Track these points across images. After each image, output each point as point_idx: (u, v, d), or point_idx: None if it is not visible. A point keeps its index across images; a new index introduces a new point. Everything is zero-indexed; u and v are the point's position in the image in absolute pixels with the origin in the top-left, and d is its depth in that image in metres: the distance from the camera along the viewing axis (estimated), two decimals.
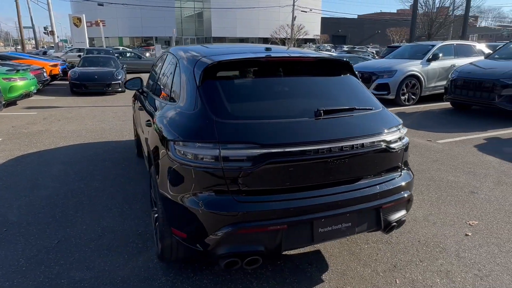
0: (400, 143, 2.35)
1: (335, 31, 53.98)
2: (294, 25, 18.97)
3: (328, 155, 2.03)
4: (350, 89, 2.52)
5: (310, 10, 35.92)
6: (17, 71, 9.22)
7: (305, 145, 1.99)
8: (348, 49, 36.05)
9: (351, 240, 2.90)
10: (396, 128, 2.36)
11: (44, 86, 12.07)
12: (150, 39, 45.70)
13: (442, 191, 3.88)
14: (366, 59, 13.62)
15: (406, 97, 9.11)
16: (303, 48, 4.62)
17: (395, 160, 2.34)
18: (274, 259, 2.60)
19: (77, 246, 2.85)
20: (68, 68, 16.86)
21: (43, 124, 7.25)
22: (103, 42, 27.73)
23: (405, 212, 2.39)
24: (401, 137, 2.38)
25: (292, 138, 2.00)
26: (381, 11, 76.27)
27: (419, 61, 9.29)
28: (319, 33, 31.37)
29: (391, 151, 2.28)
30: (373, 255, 2.70)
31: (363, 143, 2.13)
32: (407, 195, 2.33)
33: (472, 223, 3.17)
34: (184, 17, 46.09)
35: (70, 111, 8.78)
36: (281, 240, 1.99)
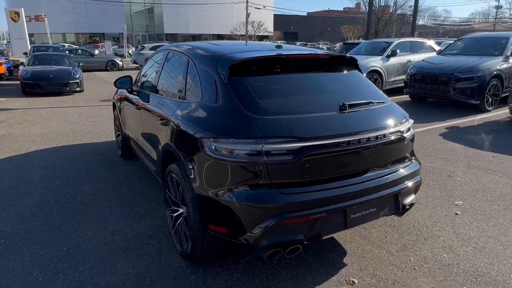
0: (410, 133, 2.57)
1: (287, 28, 55.05)
2: (254, 22, 19.12)
3: (357, 146, 2.18)
4: (360, 83, 2.69)
5: (264, 7, 36.40)
6: None
7: (337, 137, 2.12)
8: (300, 45, 36.88)
9: (359, 225, 3.09)
10: (405, 119, 2.57)
11: None
12: (97, 35, 43.38)
13: (424, 176, 4.23)
14: None
15: None
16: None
17: (407, 149, 2.55)
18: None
19: (90, 251, 2.74)
20: (13, 67, 15.59)
21: (3, 128, 6.69)
22: (49, 39, 25.79)
23: (414, 195, 2.62)
24: (409, 127, 2.60)
25: (326, 131, 2.12)
26: (328, 8, 78.99)
27: (379, 57, 9.87)
28: (272, 30, 31.83)
29: (405, 140, 2.49)
30: (382, 237, 2.92)
31: (385, 133, 2.31)
32: (418, 180, 2.55)
33: (458, 203, 3.52)
34: (134, 13, 44.30)
35: (28, 113, 8.17)
36: (320, 228, 2.11)
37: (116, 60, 19.96)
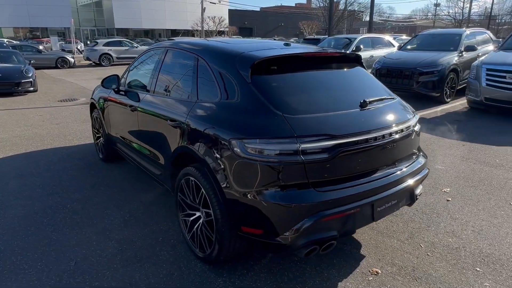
0: (418, 127, 2.70)
1: (242, 23, 54.94)
2: (215, 17, 18.79)
3: (381, 142, 2.25)
4: (368, 79, 2.78)
5: (219, 1, 35.93)
6: None
7: (365, 133, 2.17)
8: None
9: None
10: (413, 114, 2.70)
11: None
12: (38, 30, 40.24)
13: None
14: None
15: None
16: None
17: (417, 142, 2.69)
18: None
19: (101, 264, 2.58)
20: None
21: None
22: None
23: (421, 186, 2.77)
24: (417, 122, 2.73)
25: (354, 127, 2.17)
26: (281, 4, 79.99)
27: None
28: (227, 25, 31.62)
29: (416, 134, 2.62)
30: (389, 227, 3.05)
31: (402, 128, 2.41)
32: (427, 171, 2.70)
33: (446, 190, 3.78)
34: (80, 6, 41.64)
35: None
36: (354, 222, 2.16)
37: (67, 57, 18.71)
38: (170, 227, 3.06)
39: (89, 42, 33.20)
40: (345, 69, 2.72)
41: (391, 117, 2.42)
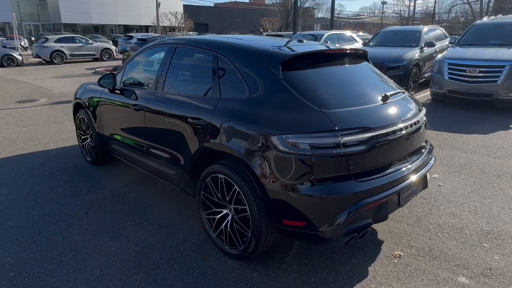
0: (425, 119, 2.91)
1: (197, 19, 53.95)
2: (177, 12, 18.23)
3: (405, 133, 2.41)
4: (378, 74, 2.94)
5: None
6: None
7: (393, 125, 2.31)
8: None
9: None
10: (422, 106, 2.90)
11: None
12: None
13: None
14: None
15: None
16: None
17: (425, 133, 2.89)
18: None
19: (128, 268, 2.50)
20: None
21: None
22: None
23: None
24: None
25: (383, 120, 2.30)
26: (235, 0, 79.72)
27: None
28: (183, 20, 30.88)
29: (425, 125, 2.82)
30: (397, 213, 3.25)
31: (418, 120, 2.59)
32: (434, 160, 2.92)
33: (435, 176, 4.09)
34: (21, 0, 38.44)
35: None
36: (386, 209, 2.30)
37: (14, 54, 17.30)
38: (187, 227, 3.03)
39: (33, 38, 30.85)
40: (359, 64, 2.84)
41: (408, 109, 2.59)
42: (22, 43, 28.38)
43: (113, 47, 20.68)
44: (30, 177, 4.10)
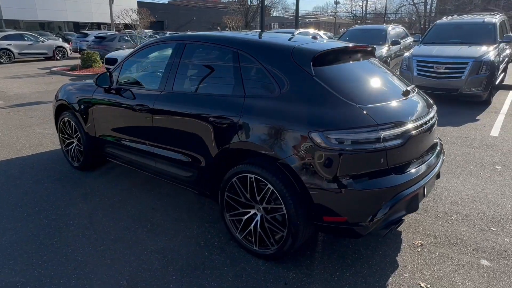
0: None
1: (152, 16, 52.38)
2: (136, 10, 17.36)
3: (429, 126, 2.50)
4: (389, 70, 3.03)
5: None
6: None
7: (420, 119, 2.40)
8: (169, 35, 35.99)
9: None
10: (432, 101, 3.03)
11: None
12: None
13: None
14: None
15: None
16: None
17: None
18: None
19: (156, 278, 2.36)
20: None
21: None
22: None
23: None
24: None
25: (412, 114, 2.37)
26: None
27: None
28: (131, 18, 29.58)
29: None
30: None
31: (435, 114, 2.71)
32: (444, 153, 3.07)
33: None
34: None
35: None
36: (417, 200, 2.37)
37: None
38: (204, 230, 2.93)
39: None
40: (370, 60, 2.90)
41: (426, 103, 2.69)
42: None
43: (67, 45, 19.42)
44: (12, 186, 3.74)
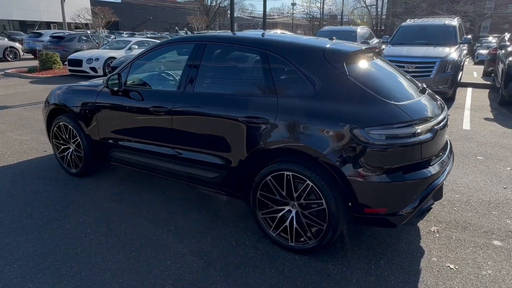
0: None
1: (115, 16, 50.17)
2: (89, 9, 16.48)
3: (447, 120, 2.71)
4: (397, 69, 3.22)
5: None
6: None
7: (441, 114, 2.60)
8: (127, 35, 35.01)
9: None
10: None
11: None
12: None
13: None
14: None
15: None
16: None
17: None
18: None
19: (201, 279, 2.35)
20: None
21: None
22: None
23: None
24: None
25: (434, 110, 2.56)
26: None
27: None
28: (91, 17, 28.23)
29: None
30: None
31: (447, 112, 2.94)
32: None
33: None
34: None
35: None
36: (442, 189, 2.56)
37: None
38: (230, 231, 2.94)
39: None
40: (381, 59, 3.07)
41: (440, 100, 2.91)
42: None
43: (18, 46, 18.12)
44: (9, 197, 3.49)
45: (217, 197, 3.53)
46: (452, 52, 8.09)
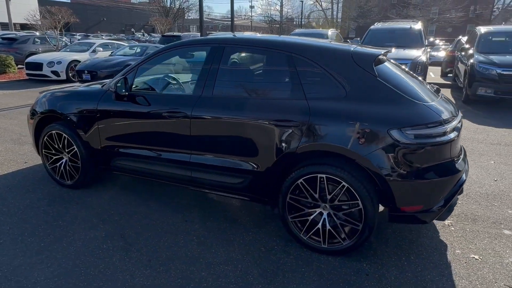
0: None
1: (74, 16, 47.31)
2: (42, 9, 15.26)
3: (462, 123, 2.86)
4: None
5: None
6: None
7: (459, 114, 2.73)
8: (80, 37, 33.48)
9: None
10: None
11: None
12: None
13: None
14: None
15: None
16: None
17: None
18: None
19: (253, 286, 2.28)
20: None
21: None
22: None
23: None
24: None
25: (454, 111, 2.67)
26: None
27: None
28: (39, 17, 26.48)
29: None
30: None
31: None
32: None
33: None
34: None
35: None
36: (463, 185, 2.70)
37: None
38: (255, 237, 2.88)
39: None
40: (392, 62, 3.17)
41: (451, 101, 3.06)
42: None
43: None
44: (1, 214, 3.16)
45: (229, 203, 3.46)
46: (420, 54, 8.57)
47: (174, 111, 2.92)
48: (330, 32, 11.06)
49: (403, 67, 3.17)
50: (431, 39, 10.63)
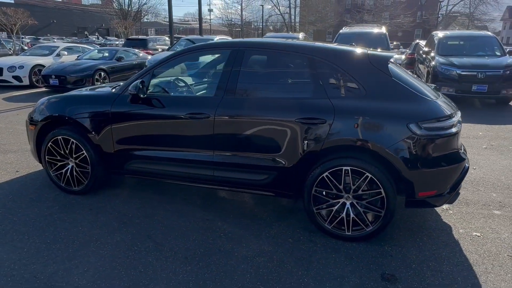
0: None
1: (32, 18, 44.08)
2: (18, 9, 14.22)
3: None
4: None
5: None
6: None
7: (458, 110, 3.07)
8: (30, 41, 31.68)
9: None
10: None
11: None
12: None
13: None
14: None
15: None
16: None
17: None
18: None
19: (287, 277, 2.42)
20: None
21: None
22: None
23: None
24: None
25: (454, 107, 3.01)
26: None
27: None
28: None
29: None
30: None
31: None
32: None
33: None
34: None
35: None
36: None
37: None
38: (280, 229, 3.03)
39: None
40: (396, 64, 3.49)
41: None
42: None
43: None
44: (15, 224, 3.05)
45: (242, 200, 3.58)
46: None
47: (197, 113, 3.00)
48: (301, 35, 11.51)
49: (401, 67, 3.49)
50: (396, 42, 11.37)
